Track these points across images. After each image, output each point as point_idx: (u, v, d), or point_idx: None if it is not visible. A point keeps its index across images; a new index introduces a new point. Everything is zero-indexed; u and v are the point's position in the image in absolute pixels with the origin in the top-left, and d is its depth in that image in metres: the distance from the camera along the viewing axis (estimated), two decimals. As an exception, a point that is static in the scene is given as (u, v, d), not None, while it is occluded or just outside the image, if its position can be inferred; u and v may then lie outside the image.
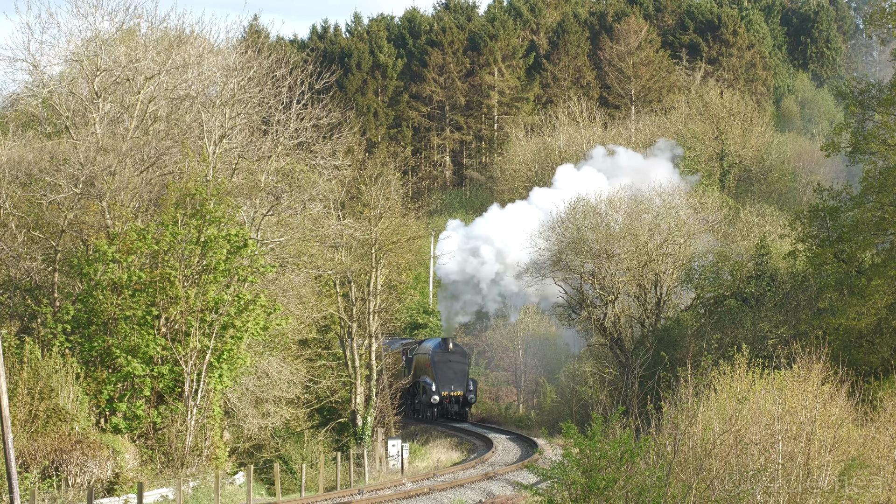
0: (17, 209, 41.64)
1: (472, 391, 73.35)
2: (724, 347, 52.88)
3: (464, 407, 73.11)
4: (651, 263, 61.31)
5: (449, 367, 72.25)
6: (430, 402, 71.99)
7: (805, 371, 28.69)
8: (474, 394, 73.72)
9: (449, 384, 72.39)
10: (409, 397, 74.23)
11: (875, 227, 47.53)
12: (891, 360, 43.89)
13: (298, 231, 47.79)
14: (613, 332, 64.72)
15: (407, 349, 75.64)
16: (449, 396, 72.39)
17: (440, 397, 72.04)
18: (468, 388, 72.99)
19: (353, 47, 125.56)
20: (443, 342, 73.32)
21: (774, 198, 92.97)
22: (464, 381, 72.88)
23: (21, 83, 48.75)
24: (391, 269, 59.69)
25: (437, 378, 72.10)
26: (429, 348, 73.65)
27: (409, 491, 40.74)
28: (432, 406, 72.25)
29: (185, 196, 40.30)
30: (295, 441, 53.55)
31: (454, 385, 72.52)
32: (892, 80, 48.59)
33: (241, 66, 47.28)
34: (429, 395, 72.09)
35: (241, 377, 43.72)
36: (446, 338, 74.74)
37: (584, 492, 25.12)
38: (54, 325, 39.18)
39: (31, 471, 33.76)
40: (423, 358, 73.60)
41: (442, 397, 72.13)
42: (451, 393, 72.43)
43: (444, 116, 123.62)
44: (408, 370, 74.27)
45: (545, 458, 44.58)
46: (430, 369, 72.46)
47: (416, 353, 75.04)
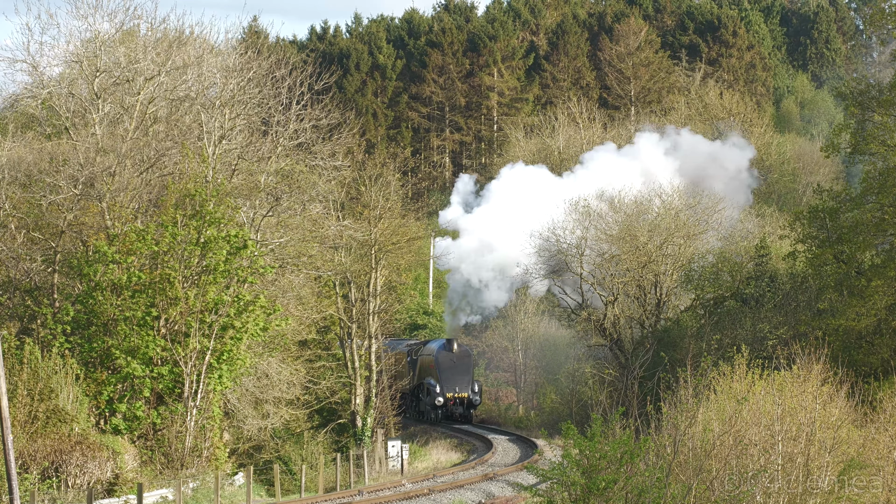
0: (17, 210, 41.63)
1: (478, 393, 71.80)
2: (724, 348, 52.84)
3: (468, 409, 71.61)
4: (651, 264, 61.30)
5: (454, 368, 70.68)
6: (435, 404, 70.43)
7: (805, 372, 28.70)
8: (479, 395, 72.13)
9: (453, 386, 70.80)
10: (413, 399, 73.21)
11: (875, 228, 47.52)
12: (890, 360, 43.89)
13: (298, 232, 47.78)
14: (613, 333, 64.74)
15: (412, 350, 74.29)
16: (454, 398, 70.84)
17: (444, 399, 70.53)
18: (473, 390, 71.44)
19: (353, 48, 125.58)
20: (447, 343, 71.85)
21: (774, 199, 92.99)
22: (469, 382, 71.34)
23: (21, 84, 48.76)
24: (391, 270, 59.67)
25: (442, 379, 70.50)
26: (433, 349, 72.02)
27: (409, 492, 40.75)
28: (436, 408, 70.73)
29: (184, 197, 40.30)
30: (295, 442, 53.54)
31: (459, 387, 70.93)
32: (891, 80, 48.60)
33: (240, 67, 47.29)
34: (433, 396, 70.46)
35: (241, 378, 43.71)
36: (451, 338, 73.17)
37: (584, 493, 25.13)
38: (54, 326, 39.19)
39: (31, 472, 33.76)
40: (428, 359, 72.03)
41: (446, 399, 70.63)
42: (455, 395, 70.88)
43: (443, 117, 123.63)
44: (412, 372, 73.10)
45: (545, 459, 44.59)
46: (434, 371, 70.88)
47: (420, 355, 73.34)
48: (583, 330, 68.57)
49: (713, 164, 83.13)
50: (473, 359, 74.17)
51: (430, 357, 71.55)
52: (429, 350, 72.66)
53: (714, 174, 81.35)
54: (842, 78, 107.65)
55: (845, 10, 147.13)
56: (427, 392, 71.28)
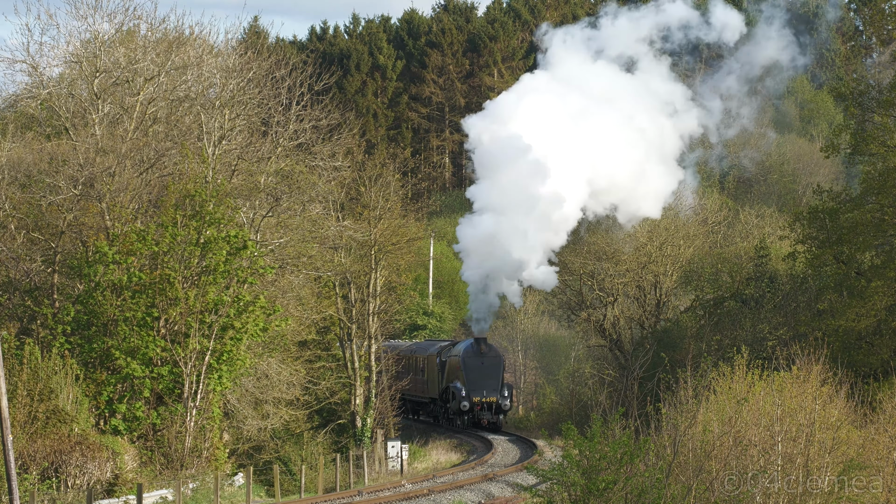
0: (17, 210, 41.62)
1: (508, 397, 66.18)
2: (724, 349, 52.90)
3: (497, 414, 66.06)
4: (651, 265, 61.38)
5: (481, 370, 65.38)
6: (460, 408, 65.61)
7: (804, 372, 28.70)
8: (510, 400, 66.66)
9: (481, 389, 65.44)
10: (441, 404, 69.43)
11: (875, 229, 47.54)
12: (890, 361, 43.91)
13: (298, 232, 47.78)
14: (613, 334, 64.79)
15: (441, 352, 69.66)
16: (480, 403, 65.59)
17: (470, 404, 65.41)
18: (503, 394, 65.84)
19: (353, 48, 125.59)
20: (475, 343, 66.38)
21: (774, 199, 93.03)
22: (497, 385, 65.67)
23: (20, 84, 48.71)
24: (391, 271, 59.67)
25: (468, 382, 65.38)
26: (460, 350, 67.14)
27: (409, 492, 40.77)
28: (462, 413, 66.03)
29: (184, 197, 40.30)
30: (294, 442, 53.55)
31: (486, 390, 65.48)
32: (891, 81, 48.62)
33: (240, 67, 47.28)
34: (458, 401, 65.53)
35: (241, 378, 43.72)
36: (479, 338, 66.77)
37: (584, 493, 25.14)
38: (54, 327, 39.20)
39: (31, 472, 33.76)
40: (455, 360, 67.10)
41: (472, 404, 65.48)
42: (482, 399, 65.54)
43: (443, 118, 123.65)
44: (441, 375, 68.87)
45: (545, 460, 44.64)
46: (460, 373, 65.90)
47: (449, 356, 68.62)
48: (583, 330, 68.64)
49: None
50: (504, 360, 69.19)
51: (457, 358, 66.91)
52: (456, 351, 68.12)
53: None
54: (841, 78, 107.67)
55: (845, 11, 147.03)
56: (452, 396, 66.90)
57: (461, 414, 66.05)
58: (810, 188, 70.32)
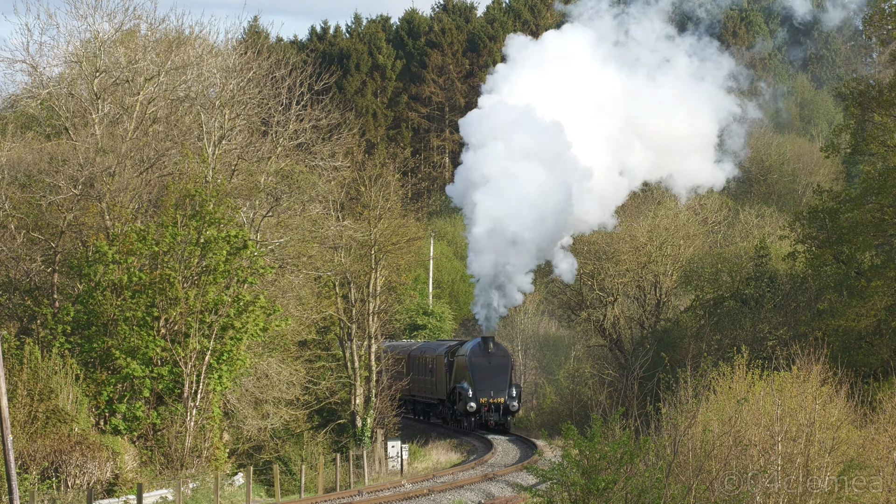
0: (17, 210, 41.62)
1: (516, 398, 64.54)
2: (724, 349, 52.95)
3: (505, 416, 64.60)
4: (651, 265, 61.39)
5: (488, 370, 63.92)
6: (467, 409, 64.05)
7: (804, 372, 28.72)
8: (518, 401, 64.95)
9: (488, 390, 63.93)
10: (449, 405, 68.03)
11: (874, 229, 47.56)
12: (890, 361, 43.92)
13: (298, 232, 47.78)
14: (613, 334, 64.81)
15: (449, 352, 68.04)
16: (487, 404, 64.09)
17: (477, 404, 63.91)
18: (510, 395, 64.28)
19: (353, 48, 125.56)
20: (482, 342, 64.96)
21: (774, 199, 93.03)
22: (505, 386, 64.19)
23: (20, 84, 48.69)
24: (391, 271, 59.66)
25: (475, 382, 63.93)
26: (467, 349, 65.79)
27: (409, 492, 40.78)
28: (469, 415, 64.41)
29: (184, 197, 40.31)
30: (294, 442, 53.55)
31: (494, 391, 63.95)
32: (891, 81, 48.64)
33: (240, 67, 47.28)
34: (465, 402, 64.06)
35: (241, 378, 43.73)
36: (487, 337, 65.15)
37: (584, 493, 25.15)
38: (54, 326, 39.20)
39: (31, 472, 33.76)
40: (462, 360, 65.64)
41: (479, 404, 63.99)
42: (490, 400, 64.01)
43: (443, 117, 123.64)
44: (449, 376, 67.53)
45: (545, 460, 44.61)
46: (467, 373, 64.50)
47: (457, 356, 66.98)
48: (583, 330, 68.64)
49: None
50: (512, 360, 68.01)
51: (464, 358, 65.51)
52: (463, 350, 66.61)
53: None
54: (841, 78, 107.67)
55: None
56: (459, 397, 65.37)
57: (468, 415, 64.82)
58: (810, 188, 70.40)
